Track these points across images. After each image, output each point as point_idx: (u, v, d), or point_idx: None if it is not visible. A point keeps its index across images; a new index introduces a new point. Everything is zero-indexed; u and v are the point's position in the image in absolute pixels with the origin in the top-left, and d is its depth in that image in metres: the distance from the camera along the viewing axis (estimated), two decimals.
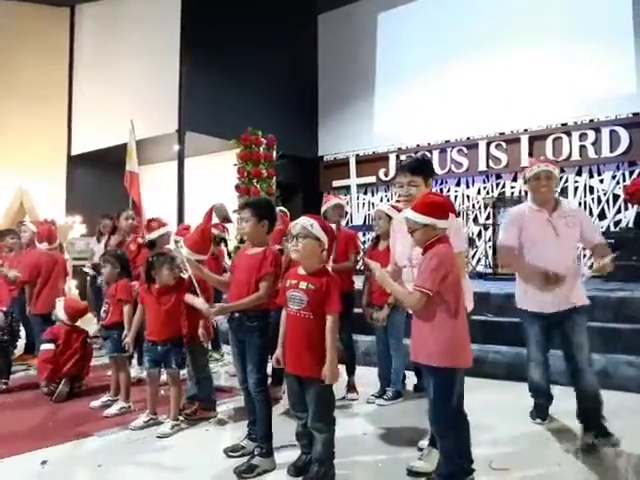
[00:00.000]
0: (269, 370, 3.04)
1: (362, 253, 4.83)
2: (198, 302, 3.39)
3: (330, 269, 2.74)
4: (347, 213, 4.48)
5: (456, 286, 2.43)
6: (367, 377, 4.32)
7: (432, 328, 2.42)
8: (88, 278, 6.57)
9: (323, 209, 4.37)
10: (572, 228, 3.18)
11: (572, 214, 3.22)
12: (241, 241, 4.79)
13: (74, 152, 11.08)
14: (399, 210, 3.97)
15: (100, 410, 3.82)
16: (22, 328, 5.54)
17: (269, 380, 3.26)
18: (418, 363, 2.56)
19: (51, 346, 4.22)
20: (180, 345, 3.49)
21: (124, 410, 3.78)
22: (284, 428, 3.05)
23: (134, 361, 4.48)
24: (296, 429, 2.77)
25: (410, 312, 2.63)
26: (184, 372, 3.81)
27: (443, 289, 2.39)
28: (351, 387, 4.17)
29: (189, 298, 3.44)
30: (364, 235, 9.76)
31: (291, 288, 2.64)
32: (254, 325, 2.86)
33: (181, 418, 3.51)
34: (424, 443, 2.88)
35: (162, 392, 3.67)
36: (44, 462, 2.91)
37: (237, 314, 2.91)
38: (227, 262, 5.59)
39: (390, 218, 3.91)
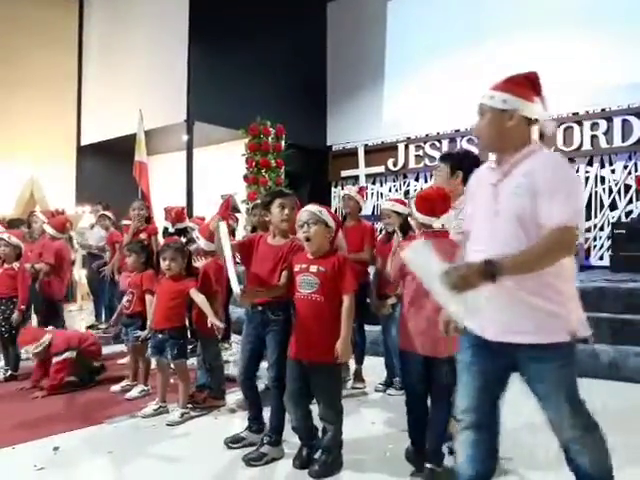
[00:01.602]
0: None
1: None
2: (199, 300, 3.43)
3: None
4: (356, 202, 4.45)
5: (411, 277, 2.53)
6: (375, 366, 4.33)
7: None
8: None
9: None
10: (520, 197, 1.74)
11: (531, 171, 1.74)
12: (253, 231, 4.79)
13: (84, 142, 11.13)
14: (403, 204, 3.96)
15: (111, 397, 3.89)
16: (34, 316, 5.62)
17: None
18: None
19: None
20: (178, 337, 3.49)
21: (144, 392, 3.88)
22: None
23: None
24: (292, 424, 2.76)
25: None
26: (193, 361, 3.84)
27: (406, 278, 2.60)
28: (358, 376, 4.19)
29: (193, 294, 3.46)
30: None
31: (301, 272, 2.65)
32: (278, 318, 2.83)
33: (190, 406, 3.55)
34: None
35: (172, 380, 3.71)
36: (56, 448, 2.96)
37: (260, 307, 2.87)
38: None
39: (398, 214, 3.88)
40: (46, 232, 5.42)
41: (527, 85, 1.86)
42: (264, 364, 3.00)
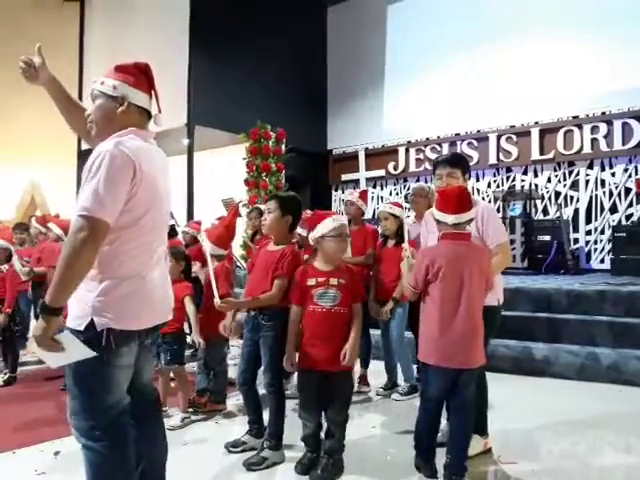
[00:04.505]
0: None
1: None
2: (190, 310, 3.45)
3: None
4: (357, 207, 4.44)
5: (440, 282, 2.44)
6: (375, 370, 4.33)
7: (421, 322, 2.58)
8: None
9: None
10: None
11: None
12: (253, 235, 4.79)
13: (84, 147, 11.14)
14: (400, 207, 3.98)
15: None
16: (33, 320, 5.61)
17: None
18: None
19: None
20: (172, 343, 3.47)
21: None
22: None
23: None
24: (304, 433, 2.72)
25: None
26: (194, 365, 3.83)
27: (430, 285, 2.49)
28: (363, 380, 4.19)
29: (187, 303, 3.49)
30: None
31: (320, 286, 2.63)
32: (269, 324, 2.80)
33: (191, 410, 3.54)
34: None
35: (173, 385, 3.70)
36: (57, 453, 2.95)
37: (252, 312, 2.87)
38: (237, 257, 5.55)
39: (395, 217, 3.90)
40: (52, 231, 5.41)
41: (138, 75, 1.89)
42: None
